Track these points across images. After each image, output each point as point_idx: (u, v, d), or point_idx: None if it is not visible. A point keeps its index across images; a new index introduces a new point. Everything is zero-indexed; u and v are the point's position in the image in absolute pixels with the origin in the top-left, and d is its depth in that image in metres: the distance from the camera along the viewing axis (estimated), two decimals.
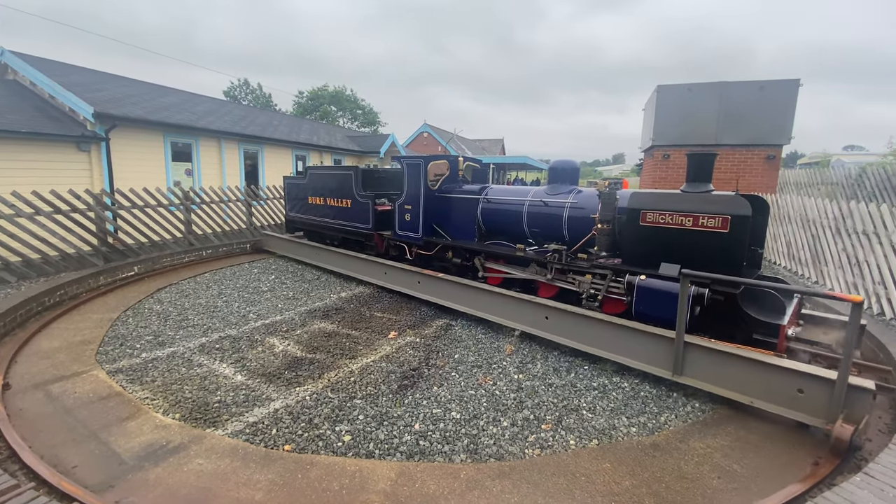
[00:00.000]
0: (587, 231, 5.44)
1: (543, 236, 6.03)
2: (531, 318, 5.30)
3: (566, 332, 4.97)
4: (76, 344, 5.04)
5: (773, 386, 3.65)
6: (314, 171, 9.28)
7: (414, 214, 7.12)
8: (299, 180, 9.68)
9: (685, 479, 2.99)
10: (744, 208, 4.16)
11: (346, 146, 19.91)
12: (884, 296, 5.95)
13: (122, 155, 10.16)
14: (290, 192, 10.09)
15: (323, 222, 9.12)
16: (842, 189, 13.97)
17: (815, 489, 2.86)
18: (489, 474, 3.02)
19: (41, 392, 4.00)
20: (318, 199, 9.09)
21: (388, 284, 7.24)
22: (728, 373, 3.88)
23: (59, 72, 11.18)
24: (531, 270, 5.94)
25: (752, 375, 3.75)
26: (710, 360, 3.98)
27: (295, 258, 9.55)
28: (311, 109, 43.84)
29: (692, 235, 4.40)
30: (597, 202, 5.31)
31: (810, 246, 8.00)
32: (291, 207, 10.09)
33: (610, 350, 4.63)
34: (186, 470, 3.01)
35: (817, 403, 3.45)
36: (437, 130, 36.62)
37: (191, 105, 14.31)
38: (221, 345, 5.10)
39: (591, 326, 4.76)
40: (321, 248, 8.80)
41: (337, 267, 8.35)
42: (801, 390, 3.53)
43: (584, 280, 5.28)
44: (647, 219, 4.66)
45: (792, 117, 10.77)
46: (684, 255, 4.42)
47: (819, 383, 3.46)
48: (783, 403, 3.61)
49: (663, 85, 11.68)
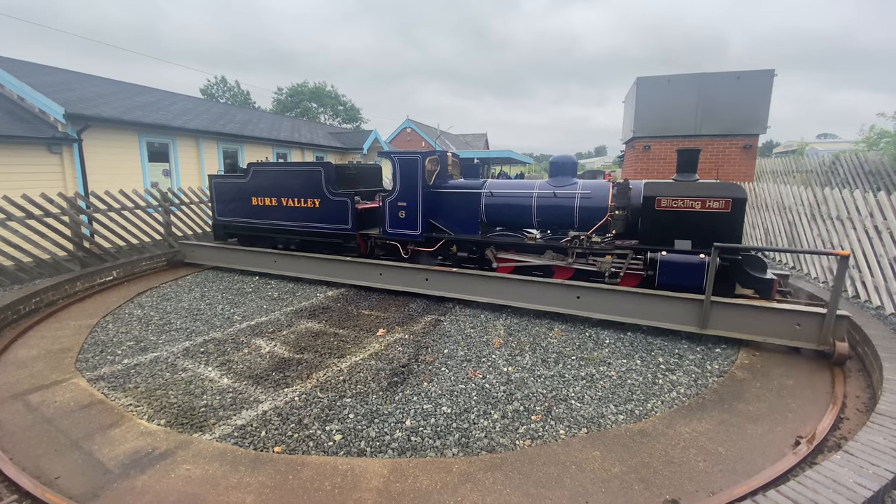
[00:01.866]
0: (598, 218, 6.09)
1: (551, 225, 6.55)
2: (561, 299, 5.77)
3: (599, 307, 5.58)
4: (55, 352, 4.91)
5: (777, 325, 4.73)
6: (261, 169, 8.26)
7: (410, 211, 7.00)
8: (237, 179, 8.48)
9: (672, 463, 3.05)
10: (741, 192, 5.19)
11: (329, 143, 19.70)
12: (858, 279, 6.14)
13: (95, 156, 9.90)
14: (220, 193, 8.75)
15: (275, 225, 8.21)
16: (816, 176, 14.35)
17: (798, 468, 2.95)
18: (481, 467, 3.03)
19: (20, 402, 3.89)
20: (269, 200, 8.12)
21: (383, 286, 6.98)
22: (744, 321, 4.89)
23: (28, 72, 10.82)
24: (547, 257, 6.37)
25: (761, 320, 4.80)
26: (729, 313, 4.94)
27: (238, 268, 8.43)
28: (291, 106, 43.21)
29: (700, 216, 5.29)
30: (604, 192, 6.05)
31: (787, 232, 8.20)
32: (223, 211, 8.79)
33: (641, 317, 5.38)
34: (174, 476, 2.96)
35: (811, 332, 4.60)
36: (421, 126, 36.45)
37: (167, 104, 13.99)
38: (206, 348, 5.01)
39: (624, 299, 5.45)
40: (283, 255, 7.92)
41: (308, 273, 7.66)
42: (798, 325, 4.65)
43: (604, 261, 5.90)
44: (662, 204, 5.45)
45: (767, 107, 11.01)
46: (694, 232, 5.33)
47: (811, 317, 4.60)
48: (786, 336, 4.72)
49: (643, 77, 11.81)
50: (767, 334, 4.77)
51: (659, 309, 5.27)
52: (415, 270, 6.74)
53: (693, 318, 5.09)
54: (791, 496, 2.42)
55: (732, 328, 4.93)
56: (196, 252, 8.96)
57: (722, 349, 4.88)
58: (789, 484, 2.54)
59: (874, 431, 3.01)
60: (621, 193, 5.91)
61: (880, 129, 18.27)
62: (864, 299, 5.99)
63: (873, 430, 3.03)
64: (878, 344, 4.32)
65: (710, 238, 5.06)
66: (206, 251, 8.82)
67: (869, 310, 5.66)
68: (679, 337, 5.21)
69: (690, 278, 5.18)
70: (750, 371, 4.40)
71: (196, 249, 8.94)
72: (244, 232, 8.74)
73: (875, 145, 18.31)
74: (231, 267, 8.51)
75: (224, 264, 8.60)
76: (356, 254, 7.57)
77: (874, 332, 4.63)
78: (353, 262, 7.28)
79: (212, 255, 8.76)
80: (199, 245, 8.92)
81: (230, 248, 8.55)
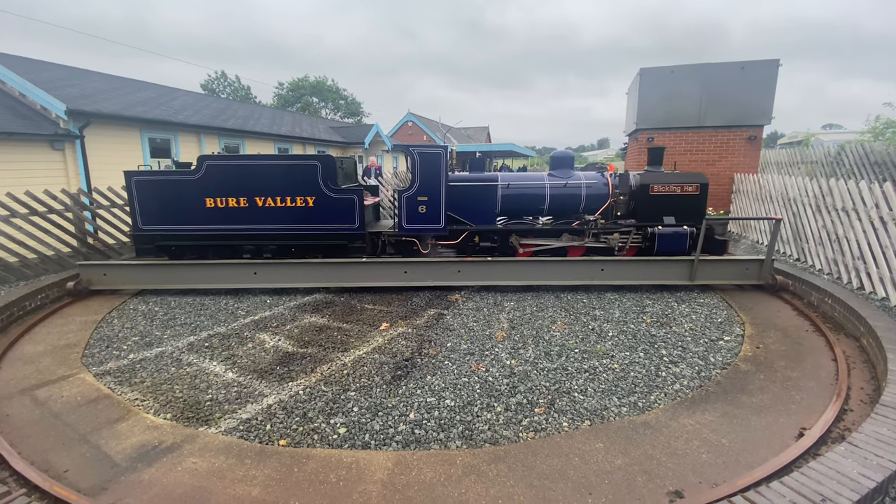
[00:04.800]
0: (602, 203, 7.42)
1: (561, 211, 7.56)
2: (586, 273, 6.71)
3: (618, 276, 6.68)
4: (61, 347, 4.95)
5: (736, 271, 6.65)
6: (219, 163, 6.82)
7: (432, 205, 7.01)
8: (178, 176, 6.86)
9: (676, 455, 3.06)
10: (705, 179, 7.16)
11: (331, 137, 19.67)
12: (863, 270, 6.11)
13: (97, 152, 9.91)
14: (147, 195, 6.86)
15: (244, 231, 6.94)
16: (821, 167, 14.23)
17: (801, 459, 2.95)
18: (485, 459, 3.05)
19: (27, 397, 3.93)
20: (235, 201, 6.81)
21: (409, 283, 6.74)
22: (716, 272, 6.66)
23: (30, 69, 10.82)
24: (564, 239, 7.37)
25: (726, 269, 6.67)
26: (708, 267, 6.63)
27: (183, 289, 6.73)
28: (292, 101, 43.09)
29: (680, 198, 7.06)
30: (604, 181, 7.47)
31: (791, 224, 8.15)
32: (151, 218, 6.93)
33: (650, 279, 6.68)
34: (181, 469, 2.99)
35: (755, 273, 6.58)
36: (422, 120, 36.30)
37: (168, 99, 13.98)
38: (211, 343, 5.04)
39: (637, 267, 6.68)
40: (268, 265, 6.66)
41: (305, 282, 6.74)
42: (747, 269, 6.60)
43: (612, 238, 7.21)
44: (655, 190, 7.06)
45: (772, 98, 10.91)
46: (676, 210, 7.08)
47: (755, 263, 6.59)
48: (740, 278, 6.63)
49: (646, 68, 11.71)
50: (731, 278, 6.64)
51: (659, 271, 6.66)
52: (445, 264, 6.75)
53: (685, 274, 6.64)
54: (795, 487, 2.43)
55: (710, 278, 6.62)
56: (116, 275, 6.76)
57: (725, 341, 4.88)
58: (793, 475, 2.54)
59: (878, 423, 3.00)
60: (623, 182, 7.35)
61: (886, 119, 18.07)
62: (868, 291, 5.96)
63: (878, 421, 3.03)
64: (883, 335, 4.30)
65: (686, 214, 7.00)
66: (134, 271, 6.79)
67: (874, 301, 5.64)
68: (682, 327, 5.21)
69: (680, 245, 6.91)
70: (753, 363, 4.39)
71: (114, 271, 6.76)
72: (189, 242, 7.06)
73: (881, 135, 18.12)
74: (170, 288, 6.75)
75: (160, 285, 6.76)
76: (363, 254, 7.16)
77: (879, 323, 4.61)
78: (370, 263, 6.79)
79: (140, 276, 6.79)
80: (123, 265, 6.89)
81: (170, 265, 6.78)
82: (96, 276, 6.75)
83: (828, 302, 5.69)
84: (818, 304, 5.90)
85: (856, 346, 4.73)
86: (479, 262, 6.72)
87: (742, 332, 5.15)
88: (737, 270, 6.63)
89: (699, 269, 6.53)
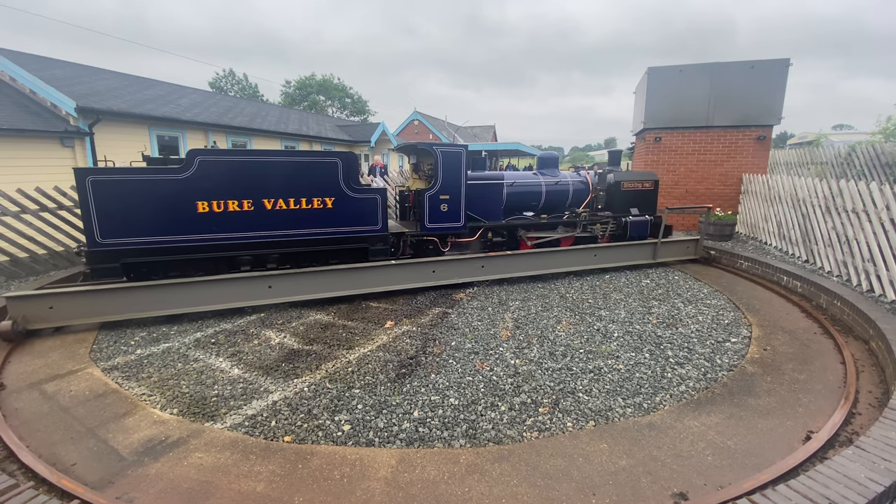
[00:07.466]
0: (585, 197, 8.80)
1: (553, 206, 8.53)
2: (583, 259, 7.77)
3: (607, 259, 7.98)
4: (69, 342, 5.00)
5: (680, 249, 8.67)
6: (215, 160, 5.60)
7: (453, 204, 7.14)
8: (161, 174, 5.43)
9: (681, 456, 3.04)
10: (657, 177, 9.04)
11: (337, 136, 19.71)
12: (873, 272, 6.03)
13: (107, 149, 9.99)
14: (110, 200, 5.26)
15: (246, 239, 5.92)
16: (831, 168, 14.07)
17: (808, 462, 2.92)
18: (488, 458, 3.05)
19: (36, 391, 3.98)
20: (237, 204, 5.76)
21: (437, 283, 6.76)
22: (668, 251, 8.54)
23: (40, 66, 10.93)
24: (560, 231, 8.33)
25: (674, 248, 8.61)
26: (665, 247, 8.46)
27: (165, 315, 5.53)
28: (299, 99, 43.23)
29: (641, 193, 8.82)
30: (586, 179, 8.87)
31: (800, 225, 8.07)
32: (117, 230, 5.34)
33: (626, 260, 8.18)
34: (187, 464, 3.02)
35: (693, 250, 8.73)
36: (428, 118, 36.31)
37: (176, 97, 14.07)
38: (217, 339, 5.08)
39: (619, 251, 8.12)
40: (285, 276, 5.95)
41: (326, 292, 6.18)
42: (688, 247, 8.71)
43: (595, 227, 8.53)
44: (625, 186, 8.69)
45: (782, 97, 10.78)
46: (638, 203, 8.79)
47: (693, 242, 8.75)
48: (684, 254, 8.67)
49: (654, 67, 11.62)
50: (679, 255, 8.58)
51: (634, 252, 8.25)
52: (471, 260, 6.99)
53: (650, 254, 8.34)
54: (801, 491, 2.41)
55: (666, 256, 8.44)
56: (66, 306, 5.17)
57: (732, 343, 4.84)
58: (799, 479, 2.52)
59: (887, 427, 2.97)
60: (602, 179, 8.95)
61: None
62: (878, 293, 5.89)
63: (886, 425, 2.99)
64: (892, 338, 4.25)
65: (645, 206, 8.79)
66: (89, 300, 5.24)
67: (883, 304, 5.57)
68: (688, 328, 5.18)
69: (644, 230, 8.51)
70: (761, 365, 4.36)
71: (65, 302, 5.16)
72: (170, 256, 5.64)
73: (892, 136, 17.87)
74: (143, 316, 5.46)
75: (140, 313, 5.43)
76: (385, 257, 6.76)
77: (888, 326, 4.56)
78: (398, 266, 6.51)
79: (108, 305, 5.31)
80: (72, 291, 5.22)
81: (156, 286, 5.44)
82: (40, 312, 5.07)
83: (837, 304, 5.63)
84: (827, 307, 5.84)
85: (865, 348, 4.69)
86: (501, 256, 7.13)
87: (749, 333, 5.11)
88: (682, 249, 8.62)
89: (660, 250, 8.33)
